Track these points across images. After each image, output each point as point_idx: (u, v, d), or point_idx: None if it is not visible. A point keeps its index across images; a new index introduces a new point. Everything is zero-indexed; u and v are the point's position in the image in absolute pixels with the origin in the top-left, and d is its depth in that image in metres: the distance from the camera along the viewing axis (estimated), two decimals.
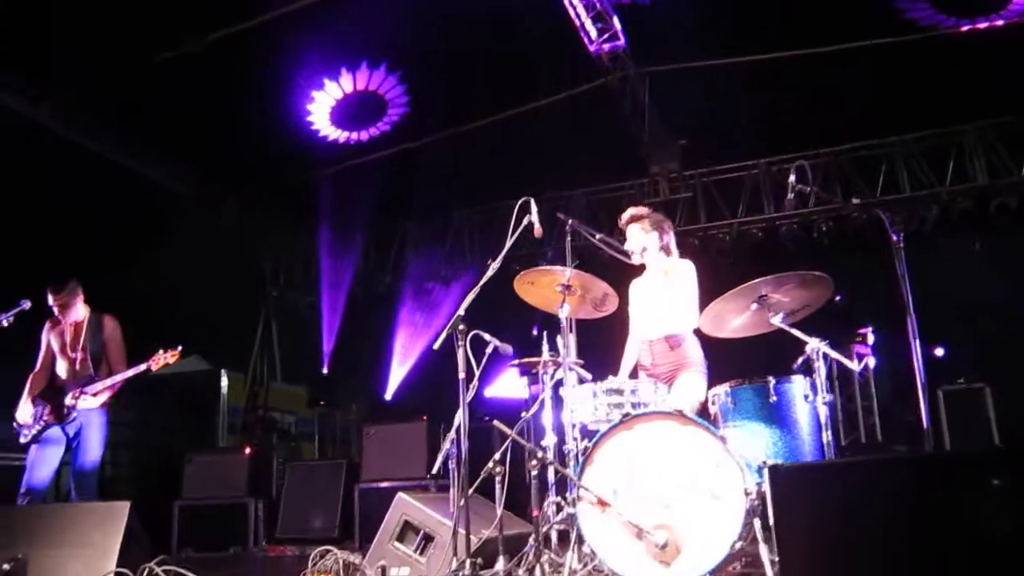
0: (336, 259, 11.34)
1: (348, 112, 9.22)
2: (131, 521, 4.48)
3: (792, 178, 4.14)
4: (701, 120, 9.32)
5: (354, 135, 9.73)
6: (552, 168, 9.63)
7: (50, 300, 5.87)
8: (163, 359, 5.84)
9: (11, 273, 7.59)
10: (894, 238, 3.95)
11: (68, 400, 5.70)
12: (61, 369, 5.93)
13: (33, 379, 5.96)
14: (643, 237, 4.97)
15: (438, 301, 10.99)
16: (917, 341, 3.80)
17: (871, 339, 8.27)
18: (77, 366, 5.88)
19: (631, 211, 5.13)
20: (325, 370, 11.41)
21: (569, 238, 4.81)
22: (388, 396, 11.15)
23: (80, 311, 5.99)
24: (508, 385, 8.97)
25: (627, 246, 5.00)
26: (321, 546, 4.70)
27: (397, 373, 11.18)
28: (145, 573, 4.10)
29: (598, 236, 4.82)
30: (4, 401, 7.29)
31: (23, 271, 7.45)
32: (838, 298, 4.39)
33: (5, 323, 5.57)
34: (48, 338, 6.02)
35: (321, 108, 9.13)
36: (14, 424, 5.81)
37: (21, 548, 4.05)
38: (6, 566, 3.45)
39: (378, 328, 11.51)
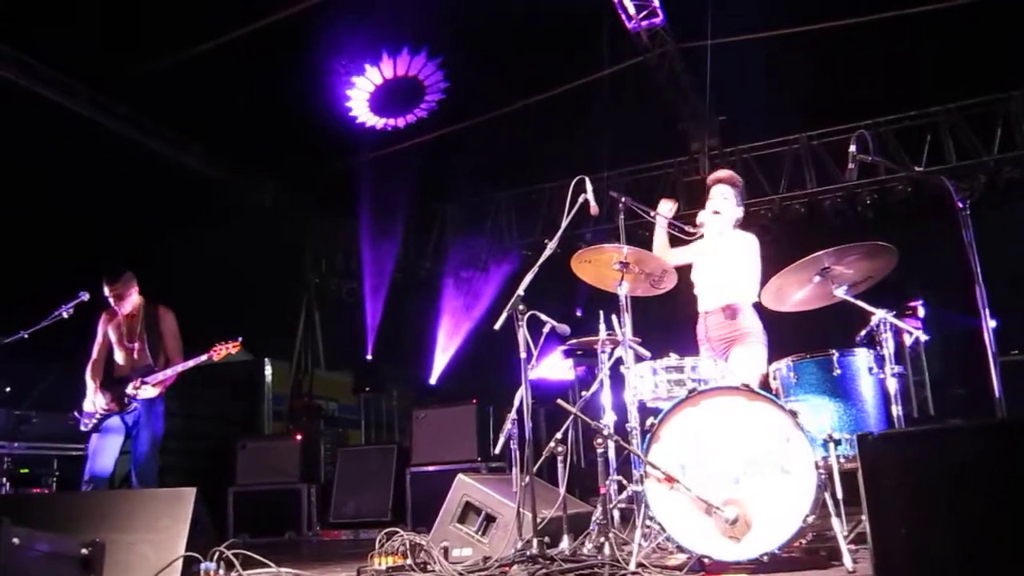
0: (377, 245, 11.39)
1: (387, 98, 9.23)
2: (197, 507, 4.55)
3: (853, 148, 4.07)
4: (741, 95, 9.22)
5: (393, 121, 9.72)
6: (591, 148, 9.58)
7: (105, 291, 5.95)
8: (224, 350, 5.91)
9: (60, 264, 7.75)
10: (959, 205, 3.87)
11: (129, 390, 5.78)
12: (119, 359, 6.01)
13: (92, 368, 6.03)
14: (725, 204, 4.95)
15: (479, 285, 11.00)
16: (987, 310, 3.72)
17: (921, 312, 8.16)
18: (135, 356, 5.96)
19: (726, 172, 5.13)
20: (369, 356, 11.49)
21: (622, 216, 4.75)
22: (433, 381, 11.20)
23: (135, 301, 6.07)
24: (552, 367, 8.98)
25: (709, 204, 4.98)
26: (374, 530, 4.73)
27: (441, 357, 11.21)
28: (216, 556, 4.15)
29: (652, 213, 4.78)
30: (62, 395, 7.44)
31: (73, 262, 7.59)
32: None
33: (65, 315, 5.67)
34: (105, 329, 6.10)
35: (360, 95, 9.13)
36: (74, 413, 5.91)
37: (92, 533, 4.09)
38: (84, 550, 3.50)
39: (420, 313, 11.57)
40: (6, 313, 6.02)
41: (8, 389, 7.96)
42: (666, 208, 5.07)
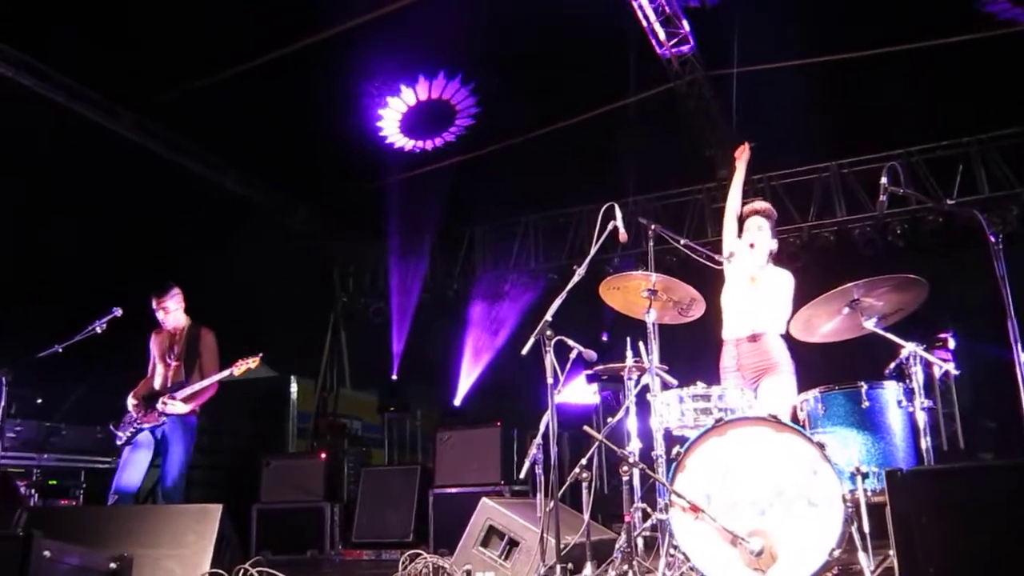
0: (404, 265, 11.47)
1: (417, 121, 9.32)
2: (223, 523, 4.59)
3: (884, 180, 4.06)
4: (770, 123, 9.20)
5: (421, 143, 9.81)
6: (619, 173, 9.61)
7: (153, 304, 6.08)
8: (245, 364, 5.98)
9: (95, 280, 7.88)
10: (992, 239, 3.84)
11: (158, 405, 5.85)
12: (158, 376, 6.13)
13: (144, 383, 6.16)
14: (760, 236, 4.94)
15: (505, 307, 11.03)
16: (1019, 344, 3.67)
17: (951, 344, 8.08)
18: (170, 373, 6.05)
19: (763, 204, 5.13)
20: (394, 376, 11.54)
21: (651, 243, 4.76)
22: (457, 402, 11.21)
23: (180, 319, 6.19)
24: (576, 392, 8.97)
25: (745, 236, 4.98)
26: (396, 550, 4.73)
27: (466, 379, 11.23)
28: (240, 573, 4.19)
29: (683, 241, 4.78)
30: (91, 408, 7.53)
31: (108, 278, 7.72)
32: None
33: (99, 330, 5.76)
34: (151, 347, 6.24)
35: (391, 117, 9.23)
36: (110, 427, 6.00)
37: (120, 547, 4.15)
38: (112, 565, 3.55)
39: (446, 334, 11.60)
40: (42, 327, 6.11)
41: (39, 401, 8.08)
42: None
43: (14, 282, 7.98)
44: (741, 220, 5.12)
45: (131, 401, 6.02)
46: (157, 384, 6.11)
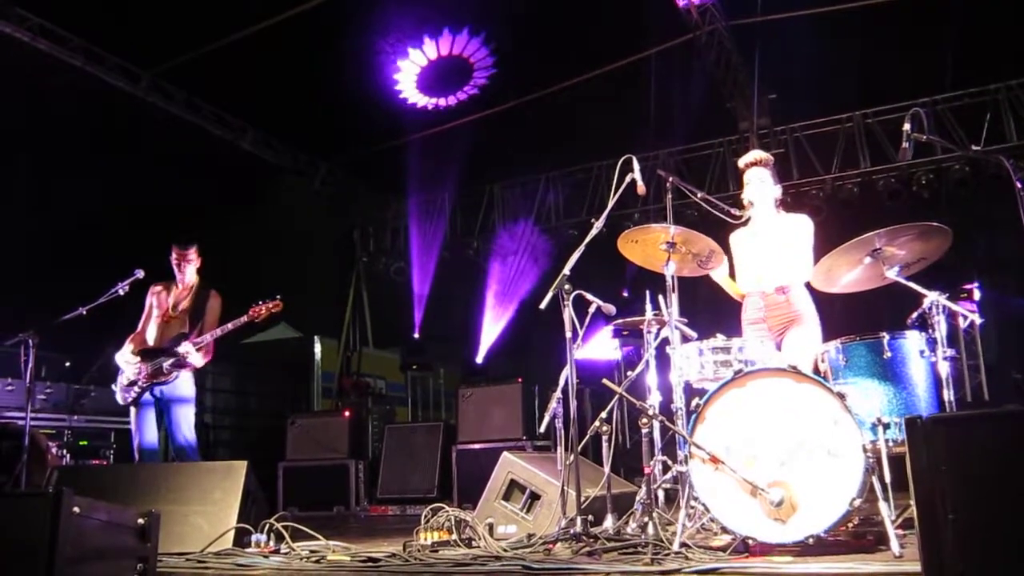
0: (425, 224, 11.48)
1: (434, 78, 9.24)
2: (248, 480, 4.67)
3: (907, 126, 3.97)
4: (792, 73, 9.05)
5: (441, 101, 9.74)
6: (640, 127, 9.50)
7: (173, 255, 6.06)
8: (265, 309, 5.88)
9: (119, 242, 7.94)
10: (1019, 186, 3.76)
11: (180, 350, 5.76)
12: (154, 331, 6.01)
13: (134, 339, 6.05)
14: (764, 187, 4.87)
15: (526, 264, 11.02)
16: None
17: (977, 295, 7.98)
18: (170, 328, 5.97)
19: (757, 154, 4.99)
20: (416, 335, 11.61)
21: (670, 195, 4.70)
22: (479, 359, 11.26)
23: (192, 276, 6.14)
24: (598, 347, 8.98)
25: (746, 192, 4.90)
26: (421, 505, 4.78)
27: (487, 336, 11.27)
28: (266, 529, 4.26)
29: (700, 195, 4.72)
30: (118, 370, 7.61)
31: (130, 240, 7.77)
32: None
33: (122, 292, 5.78)
34: (151, 301, 6.14)
35: (408, 74, 9.16)
36: (112, 387, 5.98)
37: (147, 504, 4.22)
38: (140, 520, 3.60)
39: (467, 292, 11.63)
40: (67, 290, 6.16)
41: (68, 364, 8.21)
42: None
43: (37, 246, 8.06)
44: (739, 174, 5.03)
45: (129, 359, 5.90)
46: (151, 339, 5.98)
